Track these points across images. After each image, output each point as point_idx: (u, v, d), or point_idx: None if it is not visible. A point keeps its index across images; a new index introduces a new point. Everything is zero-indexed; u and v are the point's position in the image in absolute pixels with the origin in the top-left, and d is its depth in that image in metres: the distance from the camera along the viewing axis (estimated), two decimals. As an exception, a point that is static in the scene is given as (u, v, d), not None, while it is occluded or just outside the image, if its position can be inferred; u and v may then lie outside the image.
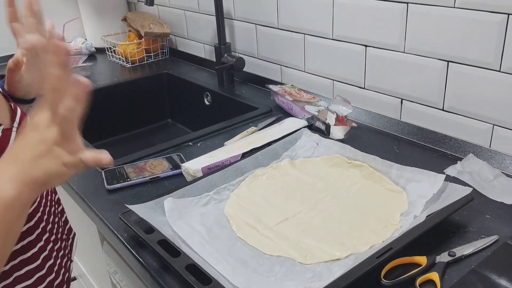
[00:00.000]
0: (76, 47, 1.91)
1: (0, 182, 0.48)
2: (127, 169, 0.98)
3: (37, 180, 0.49)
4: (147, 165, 0.99)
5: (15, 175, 0.48)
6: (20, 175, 0.49)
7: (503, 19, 0.85)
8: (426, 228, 0.69)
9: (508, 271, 0.66)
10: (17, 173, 0.49)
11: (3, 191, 0.48)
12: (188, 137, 1.13)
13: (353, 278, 0.61)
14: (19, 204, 0.50)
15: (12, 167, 0.49)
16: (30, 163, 0.49)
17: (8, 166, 0.49)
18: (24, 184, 0.49)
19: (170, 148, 1.08)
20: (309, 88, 1.30)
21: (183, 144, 1.10)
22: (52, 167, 0.49)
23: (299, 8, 1.24)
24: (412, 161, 0.93)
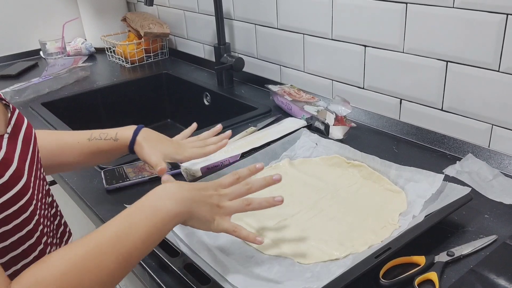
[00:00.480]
0: (75, 47, 1.91)
1: (173, 200, 0.61)
2: (126, 169, 0.98)
3: (192, 215, 0.62)
4: (146, 165, 0.99)
5: (184, 201, 0.61)
6: (187, 204, 0.62)
7: (502, 19, 0.85)
8: (424, 228, 0.69)
9: (506, 271, 0.66)
10: (185, 201, 0.62)
11: (176, 206, 0.61)
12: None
13: (351, 278, 0.61)
14: (177, 220, 0.61)
15: (182, 194, 0.62)
16: (196, 201, 0.63)
17: (178, 191, 0.62)
18: (186, 211, 0.61)
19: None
20: (308, 88, 1.30)
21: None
22: (206, 212, 0.63)
23: (298, 8, 1.24)
24: (411, 161, 0.93)
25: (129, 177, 0.94)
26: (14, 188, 0.54)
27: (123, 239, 0.56)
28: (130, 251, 0.56)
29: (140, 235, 0.57)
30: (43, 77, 1.57)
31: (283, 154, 0.97)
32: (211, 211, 0.64)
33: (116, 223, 0.58)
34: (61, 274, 0.51)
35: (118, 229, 0.57)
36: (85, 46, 1.91)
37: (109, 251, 0.54)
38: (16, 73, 1.69)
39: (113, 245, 0.55)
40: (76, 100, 1.49)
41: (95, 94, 1.54)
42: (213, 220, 0.64)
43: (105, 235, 0.56)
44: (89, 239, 0.55)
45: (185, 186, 0.64)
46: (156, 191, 0.62)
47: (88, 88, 1.55)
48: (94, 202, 0.89)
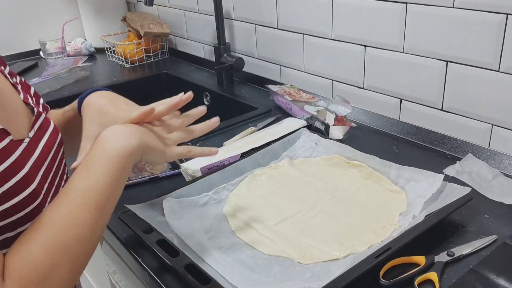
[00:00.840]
0: (75, 47, 1.91)
1: (126, 136, 0.60)
2: (126, 169, 0.98)
3: (145, 147, 0.62)
4: (146, 165, 0.99)
5: (134, 134, 0.61)
6: (138, 135, 0.61)
7: (502, 19, 0.85)
8: (425, 228, 0.69)
9: (506, 271, 0.66)
10: (135, 133, 0.61)
11: (130, 141, 0.59)
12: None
13: (351, 278, 0.61)
14: (134, 157, 0.60)
15: (134, 129, 0.62)
16: (146, 133, 0.63)
17: (129, 127, 0.62)
18: (141, 143, 0.61)
19: (169, 148, 1.08)
20: (308, 88, 1.30)
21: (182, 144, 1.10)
22: (157, 142, 0.64)
23: (298, 8, 1.24)
24: (411, 161, 0.93)
25: (128, 177, 0.94)
26: (20, 194, 0.54)
27: (89, 192, 0.55)
28: (100, 201, 0.56)
29: (104, 183, 0.56)
30: (43, 77, 1.57)
31: (283, 154, 0.97)
32: (161, 141, 0.65)
33: (76, 179, 0.57)
34: (42, 243, 0.51)
35: (80, 184, 0.56)
36: (85, 46, 1.91)
37: (79, 208, 0.54)
38: (16, 73, 1.69)
39: (81, 201, 0.55)
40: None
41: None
42: (165, 149, 0.65)
43: (70, 194, 0.55)
44: (56, 203, 0.55)
45: (129, 124, 0.64)
46: (102, 135, 0.61)
47: (88, 88, 1.55)
48: (94, 202, 0.89)
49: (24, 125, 0.61)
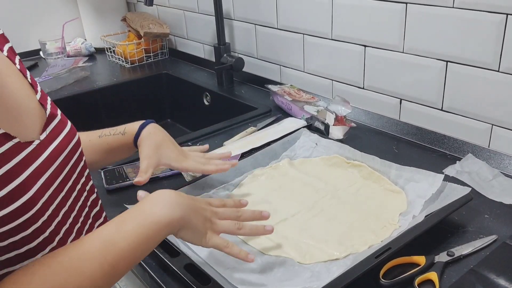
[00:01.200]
0: (75, 47, 1.91)
1: (172, 206, 0.59)
2: (126, 169, 0.98)
3: (186, 223, 0.60)
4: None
5: (181, 207, 0.60)
6: (184, 209, 0.60)
7: (502, 19, 0.85)
8: (425, 228, 0.69)
9: (506, 271, 0.66)
10: (182, 206, 0.60)
11: (173, 212, 0.59)
12: (188, 137, 1.13)
13: (351, 278, 0.61)
14: (171, 229, 0.59)
15: (183, 200, 0.61)
16: (194, 210, 0.62)
17: (180, 198, 0.61)
18: (183, 218, 0.59)
19: (169, 148, 1.08)
20: (308, 88, 1.30)
21: (183, 144, 1.10)
22: (200, 223, 0.62)
23: (298, 8, 1.24)
24: (411, 161, 0.93)
25: (129, 177, 0.94)
26: (13, 204, 0.51)
27: (110, 247, 0.53)
28: (117, 260, 0.53)
29: (128, 244, 0.54)
30: (43, 77, 1.57)
31: (283, 154, 0.97)
32: (204, 223, 0.63)
33: (106, 230, 0.55)
34: (42, 282, 0.49)
35: (107, 236, 0.54)
36: (85, 46, 1.91)
37: (93, 259, 0.52)
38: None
39: (99, 253, 0.53)
40: (76, 100, 1.49)
41: (95, 94, 1.55)
42: (205, 233, 0.63)
43: (92, 242, 0.54)
44: (76, 244, 0.53)
45: (183, 194, 0.63)
46: (152, 196, 0.61)
47: (88, 88, 1.55)
48: (94, 202, 0.89)
49: (36, 127, 0.59)
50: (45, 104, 0.63)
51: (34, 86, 0.63)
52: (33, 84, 0.64)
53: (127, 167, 0.98)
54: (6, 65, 0.60)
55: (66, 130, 0.64)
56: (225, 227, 0.65)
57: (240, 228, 0.66)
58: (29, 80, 0.63)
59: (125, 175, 0.95)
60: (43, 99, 0.63)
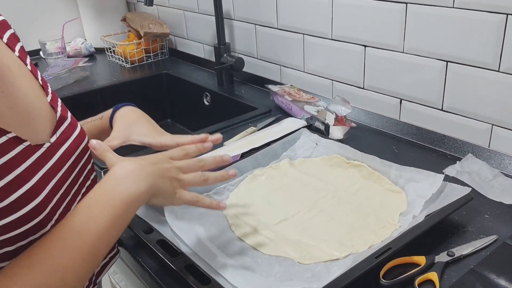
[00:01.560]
0: (75, 47, 1.90)
1: (136, 180, 0.57)
2: (127, 169, 0.97)
3: (154, 192, 0.59)
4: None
5: (146, 178, 0.58)
6: (149, 179, 0.58)
7: (502, 19, 0.85)
8: (425, 228, 0.69)
9: (507, 271, 0.66)
10: (147, 177, 0.58)
11: (139, 187, 0.57)
12: (188, 137, 1.13)
13: (352, 278, 0.61)
14: (140, 202, 0.58)
15: (147, 170, 0.59)
16: (160, 176, 0.60)
17: (143, 169, 0.59)
18: (150, 188, 0.58)
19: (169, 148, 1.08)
20: (308, 88, 1.30)
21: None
22: (168, 186, 0.61)
23: (298, 8, 1.24)
24: (411, 161, 0.93)
25: (129, 177, 0.94)
26: (23, 209, 0.51)
27: (85, 235, 0.52)
28: (94, 244, 0.53)
29: (102, 227, 0.54)
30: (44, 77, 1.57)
31: (283, 154, 0.97)
32: (172, 184, 0.62)
33: (76, 219, 0.54)
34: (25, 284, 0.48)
35: (78, 225, 0.53)
36: (85, 46, 1.91)
37: (71, 249, 0.51)
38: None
39: (75, 243, 0.52)
40: (76, 100, 1.49)
41: (95, 94, 1.55)
42: (175, 193, 0.63)
43: (66, 233, 0.52)
44: (49, 239, 0.52)
45: (142, 162, 0.61)
46: (113, 173, 0.58)
47: (88, 88, 1.55)
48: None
49: (46, 130, 0.58)
50: (55, 106, 0.62)
51: (45, 87, 0.63)
52: (43, 85, 0.63)
53: (127, 167, 0.98)
54: (18, 66, 0.59)
55: (76, 133, 0.63)
56: (191, 181, 0.65)
57: (206, 179, 0.66)
58: (40, 82, 0.62)
59: (125, 175, 0.95)
60: (54, 101, 0.63)
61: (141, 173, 0.58)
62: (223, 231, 0.77)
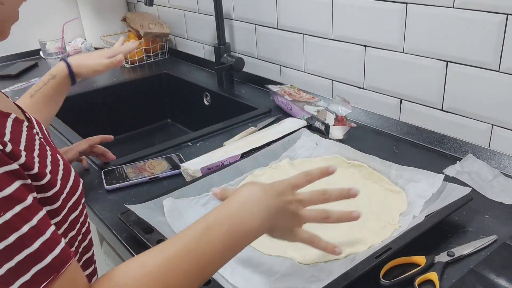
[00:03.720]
0: (75, 47, 1.90)
1: (263, 215, 0.56)
2: (127, 169, 0.98)
3: (273, 225, 0.58)
4: (146, 165, 0.99)
5: (270, 210, 0.56)
6: (272, 212, 0.57)
7: (502, 19, 0.85)
8: (425, 228, 0.69)
9: (507, 271, 0.66)
10: (271, 209, 0.57)
11: (263, 224, 0.56)
12: (188, 137, 1.13)
13: (352, 278, 0.61)
14: (259, 234, 0.57)
15: (268, 201, 0.57)
16: (280, 209, 0.58)
17: (264, 198, 0.57)
18: (271, 220, 0.57)
19: (169, 148, 1.08)
20: (308, 88, 1.30)
21: (183, 144, 1.10)
22: (287, 222, 0.59)
23: (298, 8, 1.24)
24: (411, 161, 0.93)
25: (129, 177, 0.94)
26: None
27: (196, 256, 0.52)
28: (203, 267, 0.52)
29: (216, 251, 0.53)
30: (43, 77, 1.57)
31: (283, 154, 0.97)
32: (291, 220, 0.60)
33: (192, 236, 0.53)
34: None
35: (192, 243, 0.52)
36: (85, 46, 1.91)
37: (180, 267, 0.51)
38: (16, 73, 1.69)
39: (185, 261, 0.51)
40: (76, 100, 1.49)
41: (95, 94, 1.54)
42: (292, 230, 0.60)
43: (178, 250, 0.52)
44: (161, 252, 0.52)
45: (269, 191, 0.58)
46: (240, 196, 0.57)
47: (88, 88, 1.55)
48: (94, 202, 0.89)
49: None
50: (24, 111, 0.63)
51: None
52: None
53: (127, 167, 0.98)
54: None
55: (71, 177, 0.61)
56: (311, 218, 0.62)
57: (327, 217, 0.62)
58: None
59: (125, 175, 0.95)
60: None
61: (267, 203, 0.57)
62: (223, 231, 0.77)
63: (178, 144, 1.10)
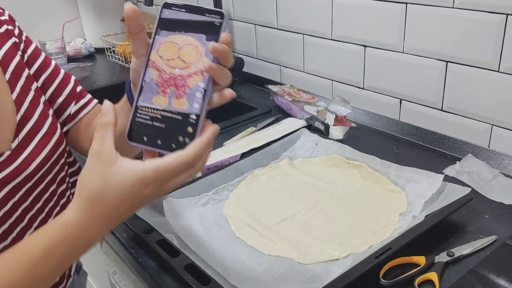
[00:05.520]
0: (75, 47, 1.90)
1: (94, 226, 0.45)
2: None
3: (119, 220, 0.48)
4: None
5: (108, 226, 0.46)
6: (112, 224, 0.47)
7: (502, 19, 0.85)
8: (425, 228, 0.69)
9: (506, 271, 0.66)
10: (110, 224, 0.46)
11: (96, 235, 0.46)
12: (187, 137, 1.13)
13: (352, 278, 0.61)
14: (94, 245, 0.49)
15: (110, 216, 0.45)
16: (128, 212, 0.47)
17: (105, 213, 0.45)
18: (109, 229, 0.47)
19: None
20: (308, 88, 1.30)
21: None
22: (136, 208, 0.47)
23: (298, 8, 1.24)
24: (411, 161, 0.93)
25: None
26: None
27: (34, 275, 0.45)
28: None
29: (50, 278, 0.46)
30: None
31: (283, 154, 0.97)
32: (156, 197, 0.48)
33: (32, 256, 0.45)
34: None
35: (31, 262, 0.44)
36: (84, 46, 1.91)
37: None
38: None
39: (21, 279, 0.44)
40: (76, 100, 1.49)
41: (95, 94, 1.53)
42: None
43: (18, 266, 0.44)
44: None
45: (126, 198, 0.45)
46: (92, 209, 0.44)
47: (88, 88, 1.55)
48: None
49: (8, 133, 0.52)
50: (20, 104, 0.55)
51: (11, 83, 0.56)
52: (10, 81, 0.56)
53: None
54: None
55: (40, 133, 0.56)
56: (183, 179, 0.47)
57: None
58: (7, 77, 0.56)
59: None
60: (20, 98, 0.56)
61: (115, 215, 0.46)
62: (223, 231, 0.77)
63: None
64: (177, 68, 0.48)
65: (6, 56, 0.60)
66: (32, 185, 0.56)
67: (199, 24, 0.49)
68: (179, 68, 0.48)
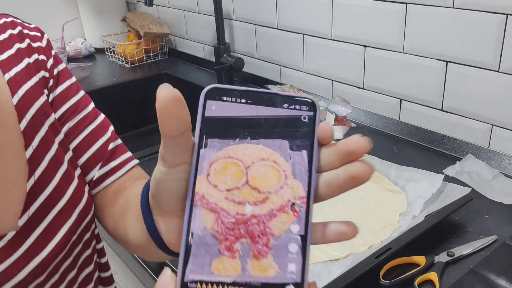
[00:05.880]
0: (75, 47, 1.91)
1: None
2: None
3: None
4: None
5: None
6: None
7: (502, 19, 0.85)
8: (425, 228, 0.69)
9: (506, 271, 0.66)
10: None
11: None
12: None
13: (352, 278, 0.61)
14: None
15: None
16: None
17: None
18: None
19: (169, 148, 1.08)
20: (308, 89, 1.30)
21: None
22: None
23: (298, 8, 1.24)
24: (411, 161, 0.93)
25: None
26: None
27: None
28: None
29: None
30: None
31: (283, 154, 0.97)
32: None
33: None
34: None
35: None
36: (84, 46, 1.91)
37: None
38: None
39: None
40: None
41: (95, 94, 1.53)
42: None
43: None
44: None
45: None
46: None
47: (88, 88, 1.55)
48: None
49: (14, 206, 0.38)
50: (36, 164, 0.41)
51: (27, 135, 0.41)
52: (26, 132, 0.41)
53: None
54: None
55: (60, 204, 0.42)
56: None
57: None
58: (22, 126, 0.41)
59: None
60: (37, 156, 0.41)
61: None
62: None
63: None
64: (247, 203, 0.29)
65: (27, 97, 0.44)
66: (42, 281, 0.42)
67: (275, 122, 0.29)
68: (251, 203, 0.29)
